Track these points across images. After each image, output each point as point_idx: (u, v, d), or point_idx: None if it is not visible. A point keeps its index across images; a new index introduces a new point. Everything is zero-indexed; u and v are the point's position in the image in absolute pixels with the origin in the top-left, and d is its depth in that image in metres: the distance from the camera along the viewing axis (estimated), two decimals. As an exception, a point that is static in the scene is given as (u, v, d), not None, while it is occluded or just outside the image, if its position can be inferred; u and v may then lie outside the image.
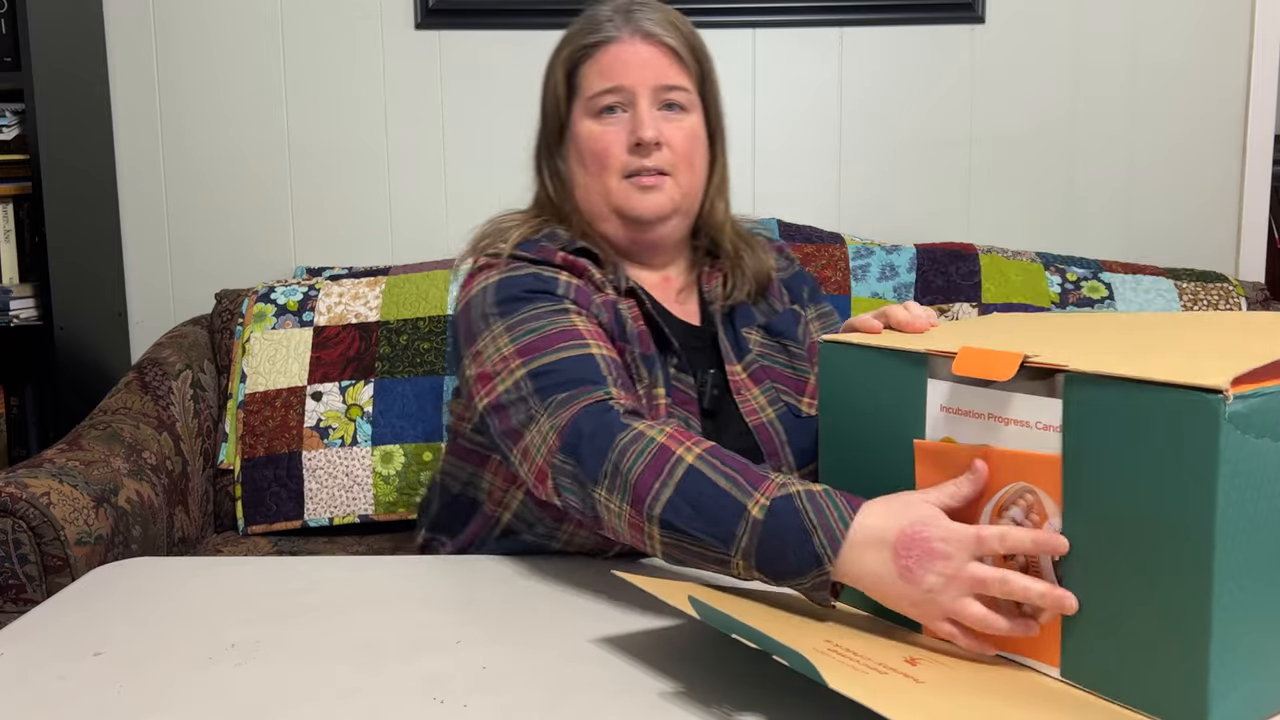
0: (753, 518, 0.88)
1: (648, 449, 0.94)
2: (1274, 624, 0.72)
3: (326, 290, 2.04)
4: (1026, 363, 0.78)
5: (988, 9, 2.28)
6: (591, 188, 1.19)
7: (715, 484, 0.91)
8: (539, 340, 1.07)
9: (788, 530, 0.86)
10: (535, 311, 1.10)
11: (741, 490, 0.90)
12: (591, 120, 1.18)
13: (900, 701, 0.70)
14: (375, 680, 0.83)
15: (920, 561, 0.81)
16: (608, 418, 0.98)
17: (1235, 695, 0.71)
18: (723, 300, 1.24)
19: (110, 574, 1.10)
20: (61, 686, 0.83)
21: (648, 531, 0.93)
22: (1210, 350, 0.77)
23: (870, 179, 2.33)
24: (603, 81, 1.17)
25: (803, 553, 0.85)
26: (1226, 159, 2.33)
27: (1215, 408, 0.67)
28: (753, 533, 0.87)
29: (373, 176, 2.30)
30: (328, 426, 1.93)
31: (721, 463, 0.93)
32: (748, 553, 0.88)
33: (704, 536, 0.90)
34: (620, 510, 0.94)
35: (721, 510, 0.89)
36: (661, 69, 1.18)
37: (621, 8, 1.21)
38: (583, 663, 0.85)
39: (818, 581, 0.85)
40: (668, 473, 0.92)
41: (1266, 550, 0.71)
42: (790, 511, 0.87)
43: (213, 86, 2.28)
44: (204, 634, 0.93)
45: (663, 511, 0.91)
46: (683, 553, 0.92)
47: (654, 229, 1.20)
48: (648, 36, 1.18)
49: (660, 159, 1.17)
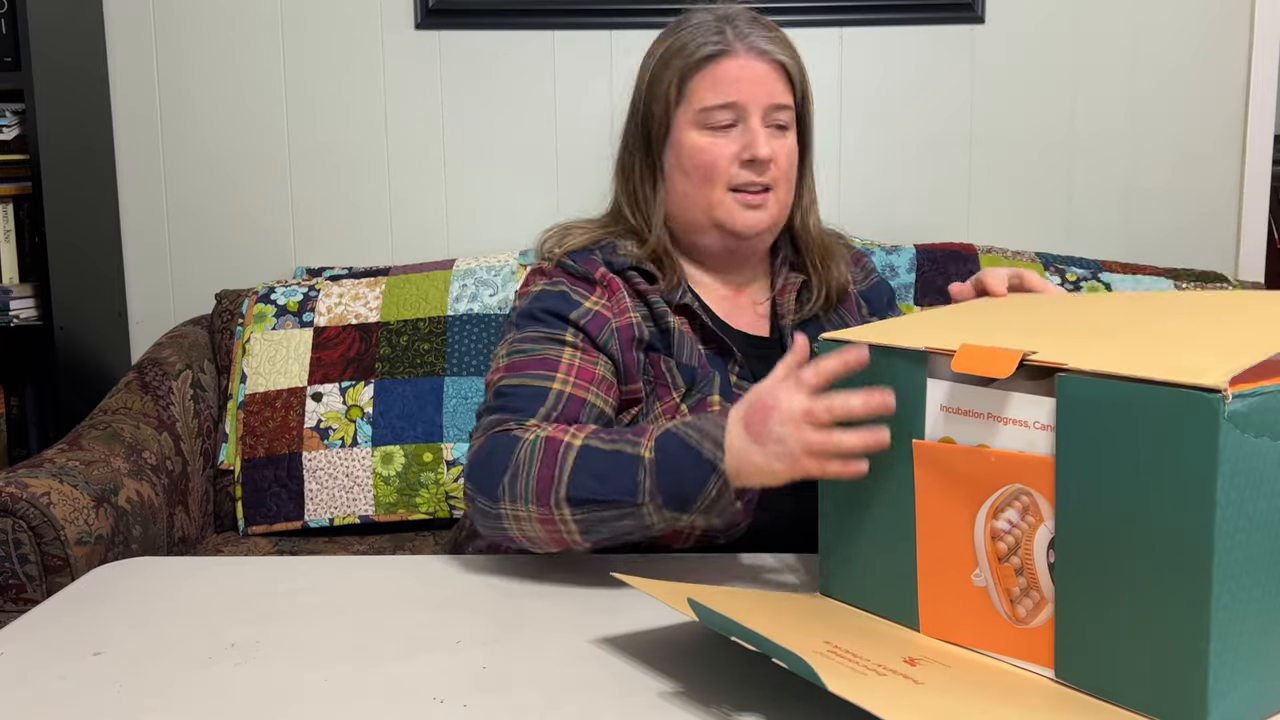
0: (647, 460, 0.96)
1: (536, 449, 1.00)
2: (1273, 624, 0.72)
3: (326, 291, 2.04)
4: (1025, 360, 0.78)
5: (988, 9, 2.28)
6: (694, 198, 1.20)
7: (606, 451, 0.98)
8: (520, 361, 1.13)
9: (679, 454, 0.95)
10: (535, 334, 1.15)
11: (631, 444, 0.98)
12: (699, 131, 1.19)
13: (899, 704, 0.70)
14: (375, 680, 0.83)
15: (762, 421, 0.91)
16: (505, 440, 1.03)
17: (1235, 695, 0.71)
18: (794, 314, 1.26)
19: (110, 574, 1.10)
20: (61, 686, 0.83)
21: (559, 518, 0.98)
22: (1211, 342, 0.76)
23: (870, 179, 2.33)
24: (716, 95, 1.18)
25: (698, 466, 0.94)
26: (1226, 159, 2.34)
27: (1214, 407, 0.67)
28: (651, 472, 0.95)
29: (373, 176, 2.30)
30: (328, 427, 1.93)
31: (608, 435, 1.00)
32: (653, 492, 0.95)
33: (612, 497, 0.96)
34: (528, 513, 1.00)
35: (619, 468, 0.96)
36: (773, 88, 1.19)
37: (728, 18, 1.21)
38: (582, 663, 0.85)
39: (720, 487, 0.94)
40: (561, 460, 0.99)
41: (1265, 550, 0.71)
42: (674, 438, 0.96)
43: (213, 86, 2.28)
44: (204, 634, 0.93)
45: (567, 492, 0.97)
46: (599, 524, 0.98)
47: (750, 243, 1.23)
48: (762, 54, 1.19)
49: (767, 175, 1.19)
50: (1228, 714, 0.70)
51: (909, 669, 0.78)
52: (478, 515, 1.04)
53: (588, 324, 1.16)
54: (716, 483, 0.94)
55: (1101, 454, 0.74)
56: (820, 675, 0.69)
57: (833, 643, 0.82)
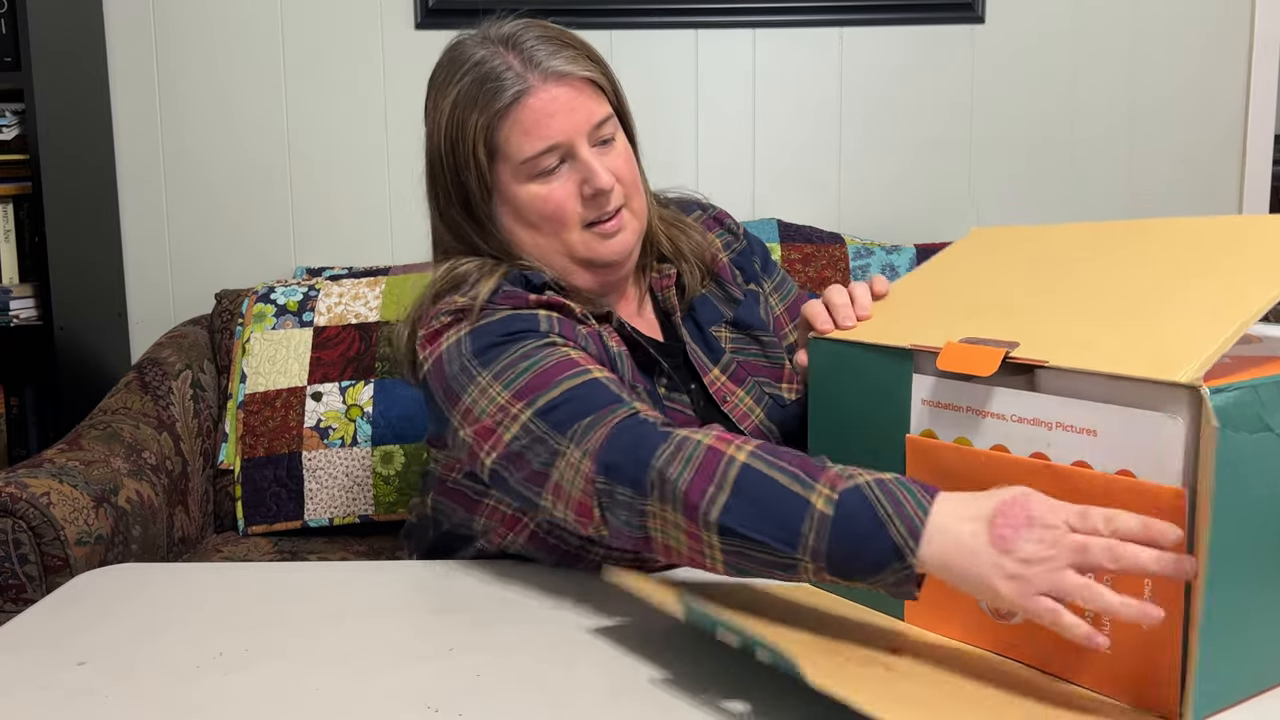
0: (819, 512, 0.80)
1: (695, 453, 0.87)
2: (1253, 611, 0.74)
3: (326, 290, 2.04)
4: (1008, 358, 0.80)
5: (988, 9, 2.28)
6: (549, 247, 1.12)
7: (774, 480, 0.83)
8: (536, 378, 0.99)
9: (861, 524, 0.79)
10: (523, 351, 1.02)
11: (803, 484, 0.82)
12: (530, 183, 1.09)
13: (879, 696, 0.71)
14: (367, 689, 0.83)
15: (1018, 529, 0.73)
16: (643, 429, 0.91)
17: (1216, 680, 0.72)
18: (680, 307, 1.20)
19: (94, 581, 1.09)
20: (45, 697, 0.82)
21: (706, 541, 0.85)
22: (1189, 309, 0.77)
23: (870, 179, 2.33)
24: (534, 144, 1.07)
25: (879, 545, 0.78)
26: (1226, 159, 2.33)
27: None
28: (820, 530, 0.80)
29: (373, 176, 2.30)
30: (328, 427, 1.93)
31: (777, 457, 0.85)
32: (817, 553, 0.80)
33: (767, 538, 0.82)
34: (675, 521, 0.86)
35: (784, 507, 0.82)
36: (588, 109, 1.09)
37: (510, 43, 1.10)
38: (577, 668, 0.85)
39: (901, 576, 0.78)
40: (720, 474, 0.85)
41: (1248, 540, 0.72)
42: (860, 502, 0.79)
43: (213, 86, 2.28)
44: (191, 642, 0.91)
45: (720, 516, 0.84)
46: (747, 561, 0.84)
47: (623, 267, 1.15)
48: (561, 78, 1.08)
49: (615, 197, 1.11)
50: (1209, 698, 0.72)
51: (892, 658, 0.79)
52: (616, 507, 0.90)
53: (561, 329, 1.06)
54: (898, 572, 0.78)
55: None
56: (801, 669, 0.70)
57: (816, 635, 0.83)
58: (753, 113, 2.31)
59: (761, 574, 0.85)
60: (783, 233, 2.12)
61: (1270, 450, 0.73)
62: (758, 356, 1.22)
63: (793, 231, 2.13)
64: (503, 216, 1.13)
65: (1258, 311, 0.73)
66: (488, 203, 1.12)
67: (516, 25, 1.13)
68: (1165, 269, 0.84)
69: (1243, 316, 0.73)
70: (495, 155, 1.10)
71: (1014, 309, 0.87)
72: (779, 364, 1.22)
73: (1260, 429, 0.72)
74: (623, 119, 1.17)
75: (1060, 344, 0.79)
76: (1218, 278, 0.79)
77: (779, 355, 1.23)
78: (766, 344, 1.23)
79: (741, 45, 2.29)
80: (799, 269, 2.06)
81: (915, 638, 0.86)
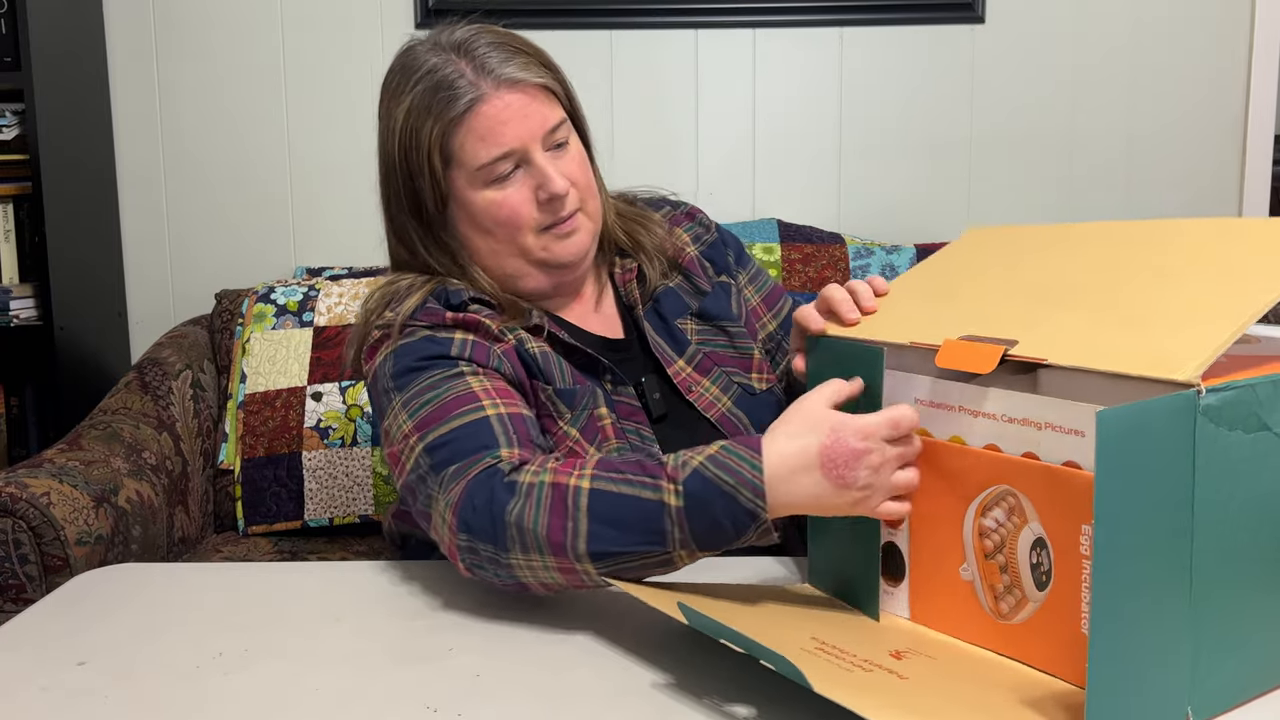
0: (673, 507, 0.87)
1: (542, 496, 0.90)
2: (1249, 612, 0.74)
3: (326, 290, 2.04)
4: (1007, 356, 0.80)
5: (988, 9, 2.28)
6: (504, 252, 1.13)
7: (623, 495, 0.89)
8: (434, 411, 1.02)
9: (713, 503, 0.87)
10: (430, 381, 1.04)
11: (650, 488, 0.89)
12: (485, 190, 1.10)
13: (884, 703, 0.71)
14: (367, 689, 0.83)
15: (849, 466, 0.85)
16: (493, 483, 0.93)
17: (1212, 682, 0.72)
18: (642, 299, 1.21)
19: (94, 581, 1.08)
20: (44, 698, 0.82)
21: (583, 570, 0.90)
22: (1184, 310, 0.77)
23: (870, 179, 2.33)
24: (489, 149, 1.08)
25: (736, 516, 0.87)
26: (1226, 159, 2.33)
27: (1190, 401, 0.68)
28: (680, 521, 0.87)
29: (373, 176, 2.29)
30: (328, 427, 1.93)
31: (616, 471, 0.91)
32: (685, 542, 0.88)
33: (637, 548, 0.88)
34: (545, 564, 0.90)
35: (641, 515, 0.88)
36: (541, 114, 1.10)
37: (462, 49, 1.11)
38: (576, 669, 0.85)
39: (761, 531, 0.88)
40: (572, 507, 0.89)
41: (1240, 540, 0.72)
42: (704, 485, 0.87)
43: (213, 87, 2.28)
44: (191, 642, 0.91)
45: (589, 546, 0.88)
46: (627, 571, 0.90)
47: (579, 268, 1.17)
48: (515, 84, 1.09)
49: (571, 201, 1.12)
50: (1206, 700, 0.72)
51: (895, 663, 0.79)
52: (481, 564, 0.93)
53: (472, 353, 1.07)
54: (758, 528, 0.88)
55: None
56: (806, 676, 0.70)
57: (819, 639, 0.83)
58: (753, 113, 2.31)
59: (642, 575, 0.91)
60: (783, 233, 2.12)
61: (1268, 450, 0.73)
62: (725, 347, 1.23)
63: (793, 231, 2.13)
64: (458, 223, 1.14)
65: (1256, 313, 0.73)
66: (442, 211, 1.14)
67: (468, 31, 1.13)
68: (1164, 270, 0.84)
69: (1241, 318, 0.73)
70: (450, 162, 1.11)
71: (1012, 308, 0.87)
72: (747, 354, 1.23)
73: (1258, 428, 0.72)
74: (576, 123, 1.18)
75: (1059, 342, 0.79)
76: (1217, 279, 0.79)
77: (747, 345, 1.24)
78: (734, 334, 1.24)
79: (741, 45, 2.29)
80: (799, 269, 2.06)
81: (918, 641, 0.86)
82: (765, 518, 0.87)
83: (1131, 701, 0.68)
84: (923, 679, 0.77)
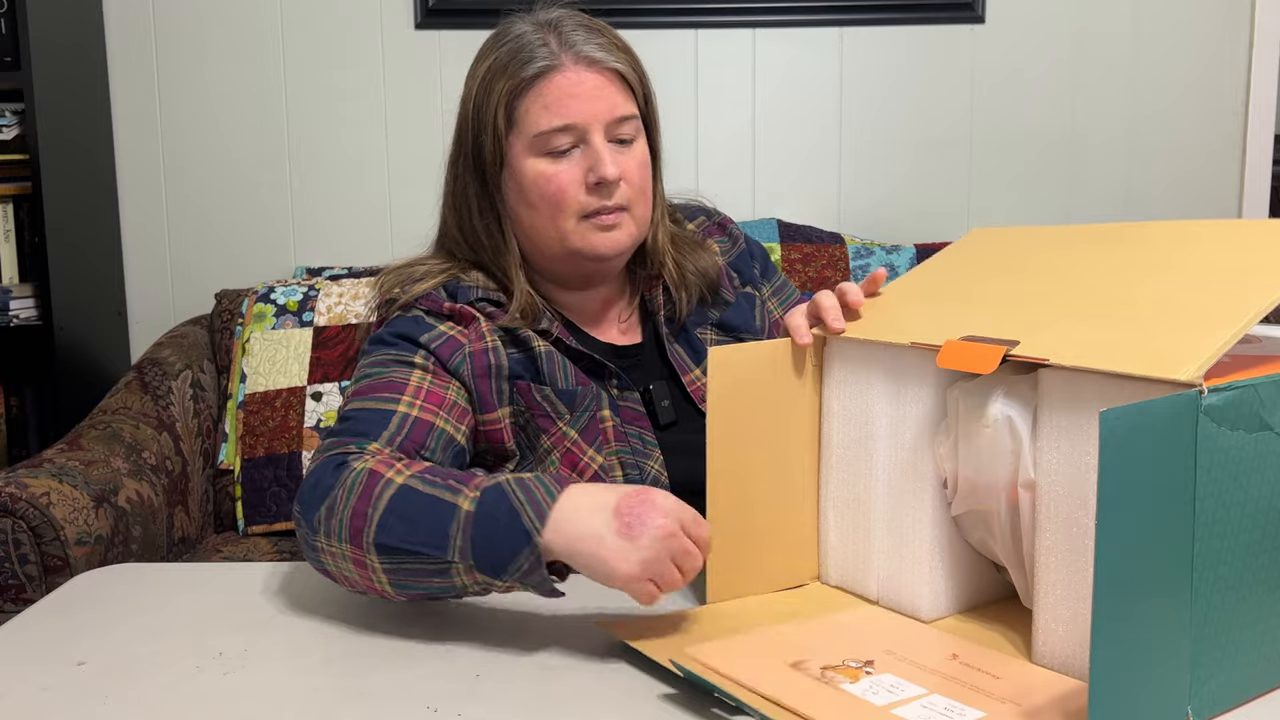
0: (464, 512, 0.86)
1: (356, 482, 0.91)
2: (1249, 612, 0.74)
3: (326, 290, 2.04)
4: (1008, 357, 0.80)
5: (988, 9, 2.28)
6: (544, 230, 1.12)
7: (425, 494, 0.88)
8: (366, 386, 1.05)
9: (497, 515, 0.85)
10: (382, 358, 1.08)
11: (451, 490, 0.88)
12: (539, 159, 1.10)
13: None
14: (367, 689, 0.83)
15: (640, 518, 0.83)
16: (328, 466, 0.94)
17: (1213, 682, 0.72)
18: (664, 310, 1.20)
19: (93, 581, 1.08)
20: (45, 698, 0.82)
21: (370, 565, 0.89)
22: (1197, 311, 0.77)
23: (870, 179, 2.33)
24: (551, 119, 1.08)
25: (513, 532, 0.84)
26: (1226, 159, 2.33)
27: (1192, 401, 0.68)
28: (465, 528, 0.85)
29: (373, 176, 2.30)
30: (328, 426, 1.93)
31: (436, 476, 0.90)
32: (464, 551, 0.85)
33: (419, 547, 0.87)
34: (342, 552, 0.90)
35: (433, 516, 0.87)
36: (612, 100, 1.10)
37: (551, 25, 1.11)
38: (576, 670, 0.85)
39: (532, 561, 0.84)
40: (377, 497, 0.89)
41: (1241, 540, 0.72)
42: (499, 496, 0.86)
43: (213, 87, 2.28)
44: (190, 642, 0.91)
45: (377, 536, 0.88)
46: (408, 575, 0.89)
47: (611, 263, 1.16)
48: (592, 64, 1.09)
49: (619, 195, 1.11)
50: (1206, 700, 0.72)
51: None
52: (305, 545, 0.95)
53: (439, 347, 1.08)
54: (528, 557, 0.84)
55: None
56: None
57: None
58: (753, 113, 2.31)
59: (425, 588, 0.89)
60: (783, 233, 2.12)
61: (1269, 450, 0.73)
62: None
63: (793, 231, 2.13)
64: (508, 190, 1.14)
65: (1259, 313, 0.73)
66: (498, 173, 1.13)
67: (564, 12, 1.14)
68: (1166, 272, 0.84)
69: (1243, 318, 0.73)
70: (513, 125, 1.11)
71: (1014, 308, 0.88)
72: None
73: (1259, 428, 0.72)
74: (649, 128, 1.17)
75: (1060, 342, 0.79)
76: (1219, 281, 0.79)
77: None
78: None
79: (741, 45, 2.29)
80: (799, 269, 2.06)
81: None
82: (538, 542, 0.84)
83: (1132, 701, 0.67)
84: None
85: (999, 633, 0.87)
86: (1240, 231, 0.85)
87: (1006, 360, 0.80)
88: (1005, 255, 0.99)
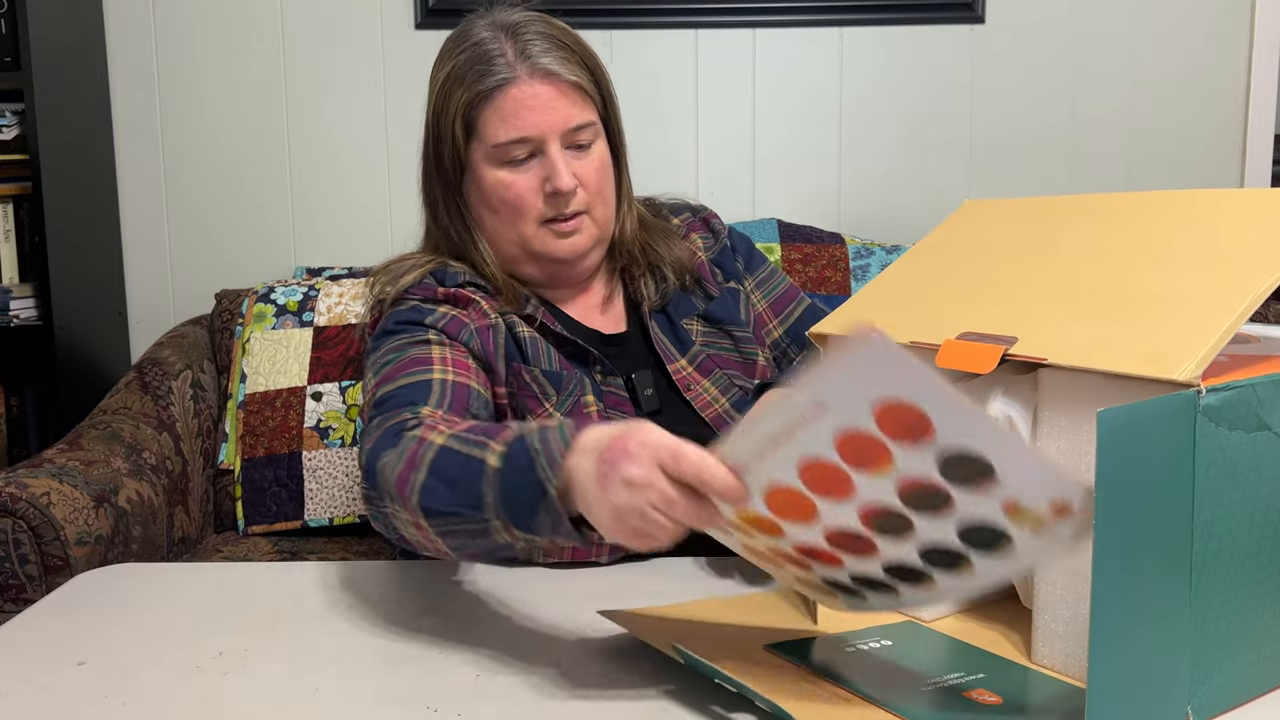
0: (491, 469, 0.82)
1: (405, 447, 0.90)
2: (1249, 612, 0.74)
3: (326, 290, 2.04)
4: (1007, 356, 0.80)
5: (988, 9, 2.28)
6: (505, 235, 1.16)
7: (460, 454, 0.85)
8: (390, 370, 1.05)
9: (519, 467, 0.80)
10: (397, 343, 1.09)
11: (480, 447, 0.84)
12: (498, 168, 1.13)
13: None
14: (366, 689, 0.83)
15: (613, 463, 0.73)
16: (389, 434, 0.94)
17: (1213, 682, 0.72)
18: (650, 299, 1.22)
19: (93, 581, 1.08)
20: (45, 698, 0.82)
21: (425, 527, 0.87)
22: (1195, 297, 0.76)
23: (870, 179, 2.33)
24: (508, 131, 1.11)
25: (531, 483, 0.79)
26: (1226, 159, 2.33)
27: (1190, 401, 0.68)
28: (494, 484, 0.82)
29: (373, 176, 2.30)
30: (328, 426, 1.93)
31: (472, 434, 0.87)
32: (497, 509, 0.81)
33: (459, 509, 0.84)
34: (402, 516, 0.89)
35: (467, 475, 0.83)
36: (566, 112, 1.12)
37: (510, 30, 1.13)
38: (575, 670, 0.85)
39: (553, 513, 0.78)
40: (419, 460, 0.87)
41: (1240, 540, 0.72)
42: (521, 449, 0.81)
43: (213, 86, 2.28)
44: (190, 642, 0.91)
45: (420, 499, 0.86)
46: (457, 538, 0.86)
47: (575, 266, 1.18)
48: (548, 75, 1.11)
49: (576, 202, 1.13)
50: (1206, 700, 0.72)
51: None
52: (375, 513, 0.94)
53: (445, 325, 1.11)
54: (547, 509, 0.79)
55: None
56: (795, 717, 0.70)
57: (814, 684, 0.79)
58: (753, 113, 2.31)
59: (476, 547, 0.86)
60: (783, 233, 2.12)
61: (1268, 450, 0.73)
62: (729, 350, 1.24)
63: (793, 231, 2.13)
64: (471, 194, 1.17)
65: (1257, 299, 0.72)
66: (460, 179, 1.17)
67: (525, 16, 1.16)
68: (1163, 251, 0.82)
69: (1241, 304, 0.72)
70: (471, 134, 1.14)
71: (1010, 297, 0.87)
72: (751, 359, 1.24)
73: (1258, 428, 0.72)
74: (610, 131, 1.19)
75: (1059, 339, 0.79)
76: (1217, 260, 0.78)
77: (752, 351, 1.25)
78: (739, 339, 1.25)
79: (741, 45, 2.29)
80: (799, 269, 2.06)
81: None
82: (552, 494, 0.78)
83: (1131, 701, 0.68)
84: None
85: (999, 633, 0.87)
86: (1238, 202, 0.83)
87: (1005, 360, 0.80)
88: (999, 234, 0.97)
